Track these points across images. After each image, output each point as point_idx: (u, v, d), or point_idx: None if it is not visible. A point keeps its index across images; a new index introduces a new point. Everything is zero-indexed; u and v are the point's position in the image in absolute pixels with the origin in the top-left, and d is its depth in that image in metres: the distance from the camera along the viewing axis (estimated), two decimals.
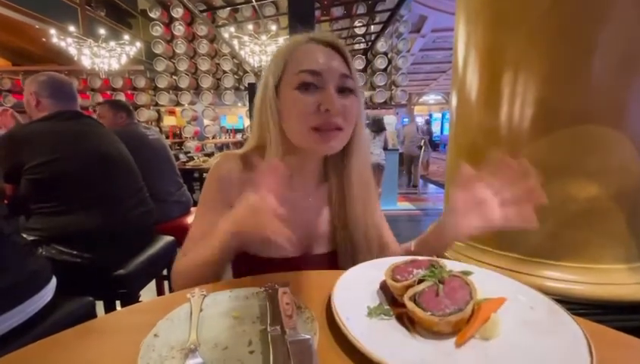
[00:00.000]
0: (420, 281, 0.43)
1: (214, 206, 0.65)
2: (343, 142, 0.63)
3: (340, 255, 0.69)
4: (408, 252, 0.66)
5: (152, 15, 6.09)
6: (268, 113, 0.62)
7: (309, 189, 0.71)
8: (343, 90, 0.61)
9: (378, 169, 4.48)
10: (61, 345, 0.40)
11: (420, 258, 0.51)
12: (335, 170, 0.70)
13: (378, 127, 4.59)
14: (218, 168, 0.68)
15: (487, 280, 0.48)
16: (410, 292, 0.42)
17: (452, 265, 0.50)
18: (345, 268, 0.53)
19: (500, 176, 0.52)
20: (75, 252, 1.21)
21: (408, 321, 0.41)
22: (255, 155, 0.66)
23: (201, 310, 0.43)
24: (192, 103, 6.62)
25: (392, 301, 0.46)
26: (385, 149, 4.75)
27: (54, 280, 0.98)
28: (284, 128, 0.63)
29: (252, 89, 5.55)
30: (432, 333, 0.39)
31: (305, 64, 0.59)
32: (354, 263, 0.55)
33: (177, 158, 4.22)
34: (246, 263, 0.65)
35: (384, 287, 0.48)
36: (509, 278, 0.51)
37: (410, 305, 0.40)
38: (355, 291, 0.47)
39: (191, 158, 4.47)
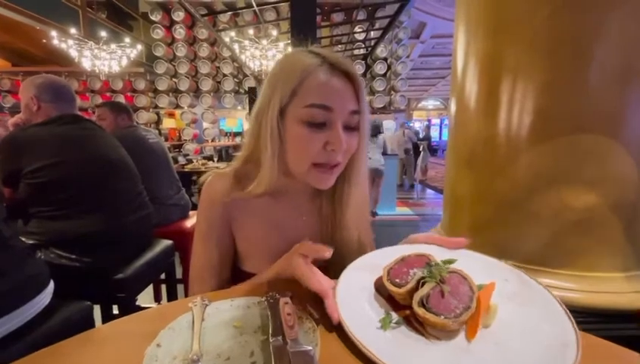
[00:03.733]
0: (422, 283, 0.44)
1: (213, 233, 0.65)
2: (336, 176, 0.62)
3: (329, 269, 0.69)
4: None
5: (153, 18, 6.10)
6: (267, 137, 0.59)
7: (303, 208, 0.70)
8: (349, 127, 0.59)
9: (376, 174, 4.48)
10: (63, 354, 0.40)
11: (407, 254, 0.51)
12: (327, 189, 0.67)
13: (374, 131, 4.60)
14: (210, 190, 0.66)
15: (465, 263, 0.49)
16: (416, 297, 0.42)
17: (430, 250, 0.52)
18: None
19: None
20: (74, 257, 1.21)
21: (417, 323, 0.42)
22: (247, 172, 0.64)
23: (203, 319, 0.44)
24: (191, 106, 6.62)
25: (390, 300, 0.46)
26: (384, 153, 4.77)
27: (51, 284, 0.97)
28: (284, 154, 0.60)
29: (251, 92, 5.57)
30: (444, 333, 0.40)
31: (317, 98, 0.56)
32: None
33: (176, 161, 4.22)
34: (240, 279, 0.65)
35: (379, 288, 0.49)
36: (478, 254, 0.55)
37: (421, 311, 0.40)
38: (357, 304, 0.46)
39: (190, 161, 4.47)
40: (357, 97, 0.59)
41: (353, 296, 0.48)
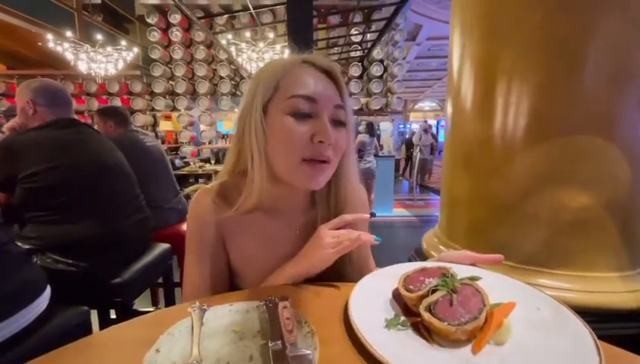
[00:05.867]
0: (433, 291, 0.44)
1: (205, 251, 0.62)
2: (328, 177, 0.60)
3: (324, 277, 0.68)
4: None
5: (149, 20, 6.09)
6: (252, 137, 0.56)
7: (296, 221, 0.66)
8: (335, 122, 0.58)
9: (368, 176, 4.47)
10: (61, 361, 0.40)
11: (429, 266, 0.52)
12: (322, 197, 0.66)
13: (370, 130, 4.59)
14: (197, 208, 0.63)
15: (494, 284, 0.49)
16: (425, 302, 0.43)
17: (458, 269, 0.51)
18: None
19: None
20: (70, 261, 1.20)
21: (424, 330, 0.42)
22: (235, 184, 0.62)
23: (202, 324, 0.44)
24: (188, 108, 6.61)
25: (405, 309, 0.46)
26: (376, 155, 4.78)
27: (48, 290, 0.97)
28: (269, 155, 0.58)
29: None
30: (449, 341, 0.40)
31: (300, 89, 0.55)
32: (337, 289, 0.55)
33: (173, 164, 4.21)
34: None
35: (396, 297, 0.49)
36: (515, 280, 0.53)
37: (426, 315, 0.41)
38: (369, 303, 0.47)
39: (187, 164, 4.47)
40: (340, 93, 0.60)
41: (368, 298, 0.48)
